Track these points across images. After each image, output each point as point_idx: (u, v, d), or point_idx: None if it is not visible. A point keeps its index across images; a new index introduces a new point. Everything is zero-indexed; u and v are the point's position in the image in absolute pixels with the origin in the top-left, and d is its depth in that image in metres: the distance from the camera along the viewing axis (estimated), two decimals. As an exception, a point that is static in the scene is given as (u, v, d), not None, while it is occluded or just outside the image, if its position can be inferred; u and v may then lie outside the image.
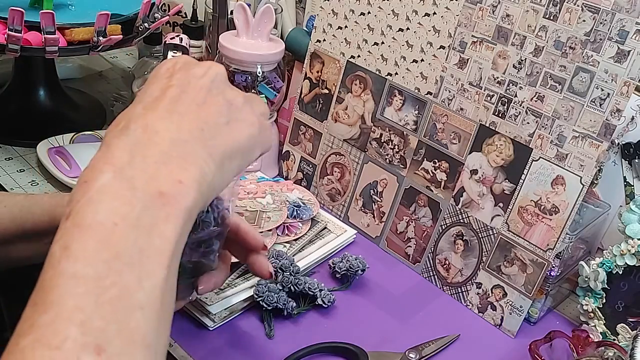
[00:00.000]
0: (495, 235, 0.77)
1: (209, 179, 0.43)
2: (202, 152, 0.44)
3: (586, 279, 0.76)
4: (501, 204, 0.77)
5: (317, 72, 0.94)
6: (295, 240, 0.82)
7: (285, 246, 0.81)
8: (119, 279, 0.36)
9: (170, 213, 0.40)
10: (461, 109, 0.79)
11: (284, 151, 1.00)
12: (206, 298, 0.71)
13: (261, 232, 0.79)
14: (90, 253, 0.36)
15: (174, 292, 0.41)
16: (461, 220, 0.80)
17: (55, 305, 0.35)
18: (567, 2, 0.70)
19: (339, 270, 0.80)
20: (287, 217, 0.83)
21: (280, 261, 0.76)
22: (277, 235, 0.81)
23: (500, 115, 0.76)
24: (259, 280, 0.73)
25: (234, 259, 0.75)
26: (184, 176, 0.42)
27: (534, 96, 0.74)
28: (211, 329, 0.71)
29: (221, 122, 0.46)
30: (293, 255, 0.80)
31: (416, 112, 0.84)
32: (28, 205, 0.64)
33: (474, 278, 0.80)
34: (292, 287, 0.74)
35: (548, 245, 0.73)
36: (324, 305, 0.75)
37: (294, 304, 0.74)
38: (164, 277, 0.39)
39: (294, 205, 0.84)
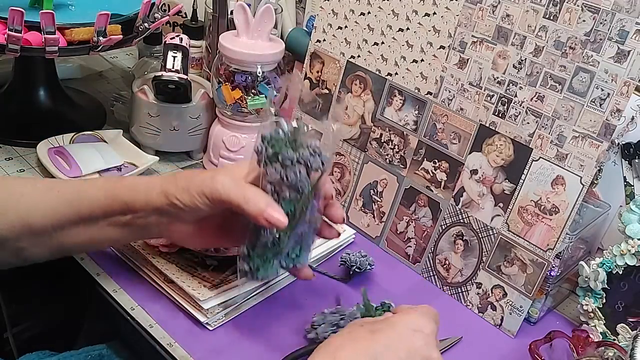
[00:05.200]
0: (495, 235, 0.77)
1: None
2: None
3: (586, 279, 0.76)
4: (501, 204, 0.77)
5: (317, 72, 0.94)
6: None
7: None
8: None
9: None
10: (461, 109, 0.79)
11: (284, 151, 1.00)
12: (199, 294, 0.71)
13: None
14: None
15: None
16: (461, 220, 0.80)
17: None
18: (567, 2, 0.70)
19: (347, 263, 0.80)
20: None
21: None
22: None
23: (500, 115, 0.76)
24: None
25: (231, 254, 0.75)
26: None
27: (534, 96, 0.74)
28: (211, 328, 0.71)
29: None
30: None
31: (416, 112, 0.84)
32: (83, 189, 0.68)
33: (474, 278, 0.80)
34: None
35: (548, 245, 0.73)
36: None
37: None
38: None
39: None
